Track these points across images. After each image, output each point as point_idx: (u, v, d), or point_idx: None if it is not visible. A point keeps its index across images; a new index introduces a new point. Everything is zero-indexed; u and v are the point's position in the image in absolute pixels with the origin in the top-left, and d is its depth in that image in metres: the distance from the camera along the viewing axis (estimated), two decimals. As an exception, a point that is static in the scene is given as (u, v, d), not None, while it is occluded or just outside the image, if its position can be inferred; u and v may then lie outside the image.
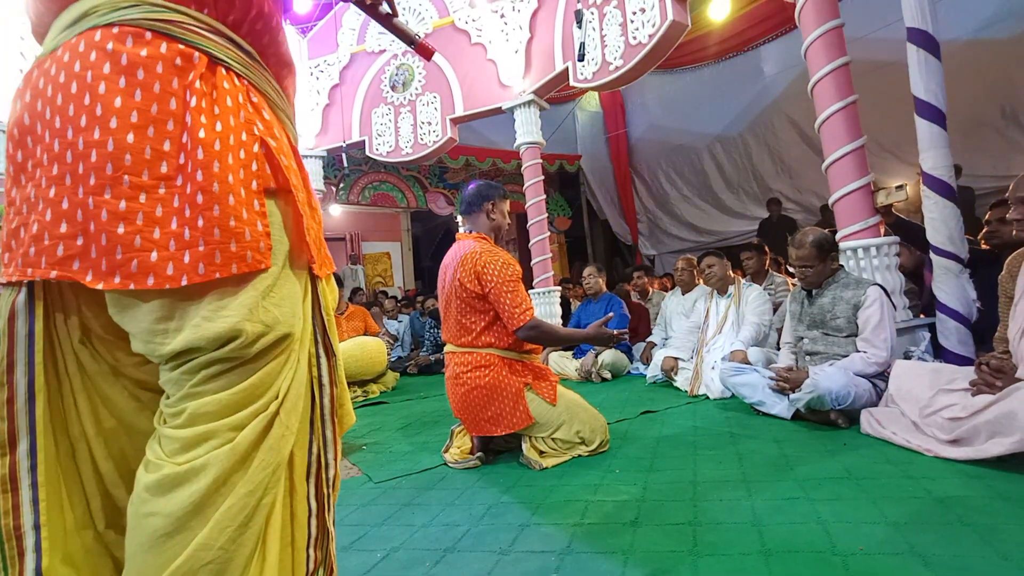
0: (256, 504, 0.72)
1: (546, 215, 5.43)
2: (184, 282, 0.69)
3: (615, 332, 2.15)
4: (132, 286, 0.69)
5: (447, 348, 2.21)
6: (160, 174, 0.71)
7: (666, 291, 5.04)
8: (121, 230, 0.69)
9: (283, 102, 0.88)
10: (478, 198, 2.24)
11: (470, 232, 2.25)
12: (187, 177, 0.71)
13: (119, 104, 0.70)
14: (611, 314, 2.32)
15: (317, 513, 0.84)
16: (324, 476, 0.86)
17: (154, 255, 0.69)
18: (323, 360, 0.88)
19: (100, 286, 0.69)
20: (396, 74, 5.93)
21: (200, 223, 0.71)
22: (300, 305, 0.81)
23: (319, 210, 0.93)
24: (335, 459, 0.89)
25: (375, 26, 6.06)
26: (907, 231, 3.09)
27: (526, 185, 5.40)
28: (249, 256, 0.73)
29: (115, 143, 0.69)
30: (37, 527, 0.72)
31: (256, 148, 0.77)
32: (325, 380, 0.88)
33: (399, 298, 8.05)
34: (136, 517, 0.69)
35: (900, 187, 2.94)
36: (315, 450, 0.86)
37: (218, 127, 0.73)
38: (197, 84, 0.73)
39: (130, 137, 0.70)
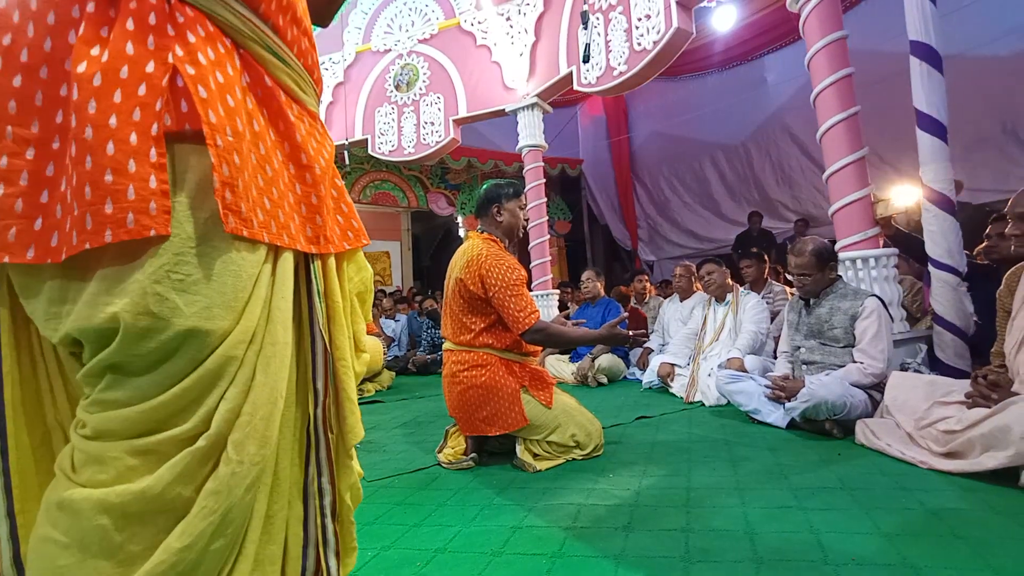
0: (196, 558, 0.60)
1: (546, 218, 5.44)
2: (64, 256, 0.57)
3: (629, 332, 2.08)
4: (7, 259, 0.57)
5: (445, 346, 2.21)
6: (55, 125, 0.59)
7: (664, 297, 5.05)
8: (0, 192, 0.57)
9: (255, 30, 0.70)
10: (485, 202, 2.23)
11: (481, 232, 2.23)
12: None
13: (7, 42, 0.59)
14: (625, 314, 2.27)
15: (314, 543, 0.73)
16: (319, 503, 0.74)
17: (39, 222, 0.58)
18: (318, 360, 0.73)
19: None
20: (400, 74, 5.94)
21: (74, 180, 0.57)
22: (235, 291, 0.63)
23: (316, 168, 0.75)
24: (331, 484, 0.75)
25: (381, 25, 6.07)
26: (906, 243, 3.09)
27: (527, 188, 5.40)
28: (130, 219, 0.56)
29: None
30: (11, 514, 0.65)
31: (166, 80, 0.60)
32: (319, 386, 0.73)
33: (401, 293, 8.06)
34: (35, 537, 0.60)
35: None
36: (311, 470, 0.74)
37: (104, 57, 0.58)
38: (90, 7, 0.60)
39: (17, 80, 0.58)
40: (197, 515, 0.60)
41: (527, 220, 2.33)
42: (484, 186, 2.28)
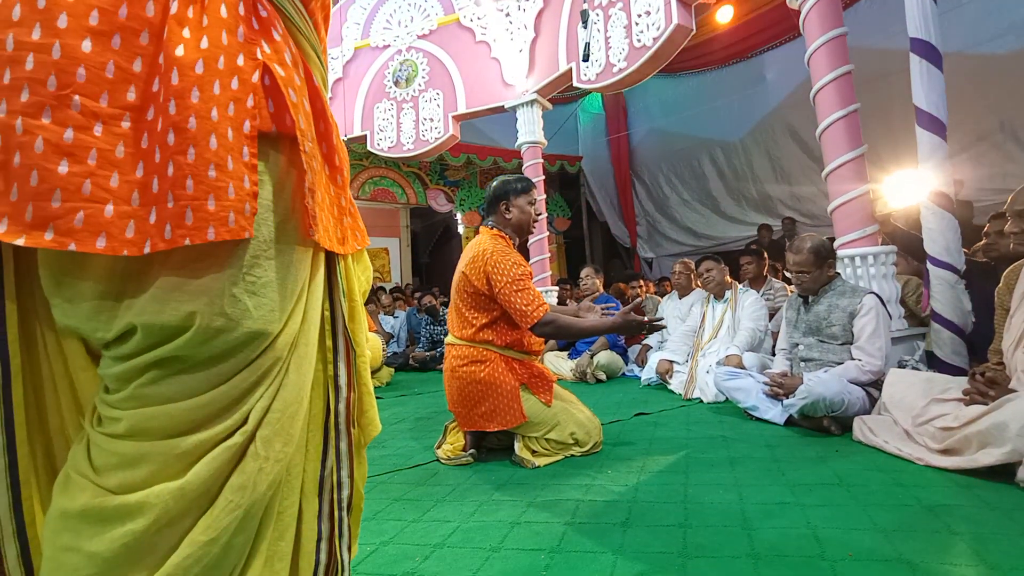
0: (221, 552, 0.59)
1: (546, 215, 5.44)
2: (147, 249, 0.53)
3: (645, 320, 1.95)
4: (73, 246, 0.51)
5: (447, 339, 2.21)
6: (126, 103, 0.54)
7: (660, 296, 5.05)
8: (64, 169, 0.51)
9: (308, 27, 0.69)
10: (493, 200, 2.21)
11: (491, 228, 2.22)
12: (159, 109, 0.54)
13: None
14: (639, 299, 2.20)
15: (328, 538, 0.71)
16: (336, 496, 0.73)
17: (109, 208, 0.52)
18: (341, 357, 0.73)
19: (20, 241, 0.50)
20: (399, 70, 5.92)
21: (170, 171, 0.53)
22: (292, 295, 0.64)
23: (345, 170, 0.75)
24: (350, 477, 0.74)
25: (380, 21, 6.05)
26: (905, 241, 3.10)
27: (526, 184, 5.40)
28: (232, 219, 0.55)
29: (64, 50, 0.51)
30: (22, 531, 0.60)
31: (256, 77, 0.58)
32: (342, 382, 0.73)
33: (401, 288, 8.06)
34: (52, 546, 0.56)
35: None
36: (329, 464, 0.72)
37: (203, 43, 0.55)
38: None
39: (86, 45, 0.52)
40: (223, 509, 0.58)
41: (539, 215, 2.29)
42: (494, 182, 2.25)
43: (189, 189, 0.53)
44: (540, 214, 2.28)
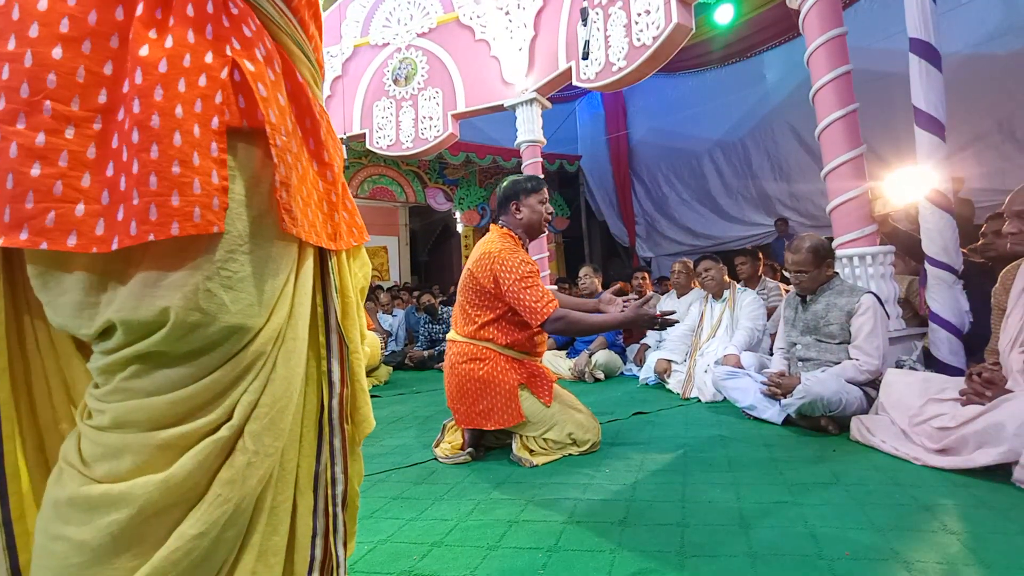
0: (210, 545, 0.60)
1: (545, 214, 5.44)
2: (115, 246, 0.54)
3: (657, 314, 1.90)
4: (44, 245, 0.53)
5: (449, 336, 2.21)
6: (97, 105, 0.56)
7: (661, 295, 5.06)
8: (36, 172, 0.53)
9: (289, 24, 0.69)
10: (504, 200, 2.21)
11: (502, 227, 2.21)
12: (127, 109, 0.56)
13: (44, 7, 0.54)
14: (650, 294, 2.15)
15: (323, 533, 0.72)
16: (331, 492, 0.74)
17: (80, 208, 0.54)
18: (334, 353, 0.74)
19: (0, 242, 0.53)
20: (399, 68, 5.91)
21: (135, 168, 0.54)
22: (273, 289, 0.64)
23: (336, 166, 0.75)
24: (344, 473, 0.75)
25: (379, 19, 6.04)
26: (903, 241, 3.10)
27: (525, 183, 5.40)
28: (197, 214, 0.55)
29: (35, 58, 0.53)
30: (8, 523, 0.62)
31: (224, 73, 0.59)
32: (335, 378, 0.74)
33: (400, 286, 8.06)
34: (43, 535, 0.58)
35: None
36: (323, 460, 0.73)
37: (168, 42, 0.56)
38: None
39: (57, 52, 0.54)
40: (212, 503, 0.59)
41: (551, 214, 2.28)
42: (504, 182, 2.24)
43: (153, 186, 0.54)
44: (552, 213, 2.26)
